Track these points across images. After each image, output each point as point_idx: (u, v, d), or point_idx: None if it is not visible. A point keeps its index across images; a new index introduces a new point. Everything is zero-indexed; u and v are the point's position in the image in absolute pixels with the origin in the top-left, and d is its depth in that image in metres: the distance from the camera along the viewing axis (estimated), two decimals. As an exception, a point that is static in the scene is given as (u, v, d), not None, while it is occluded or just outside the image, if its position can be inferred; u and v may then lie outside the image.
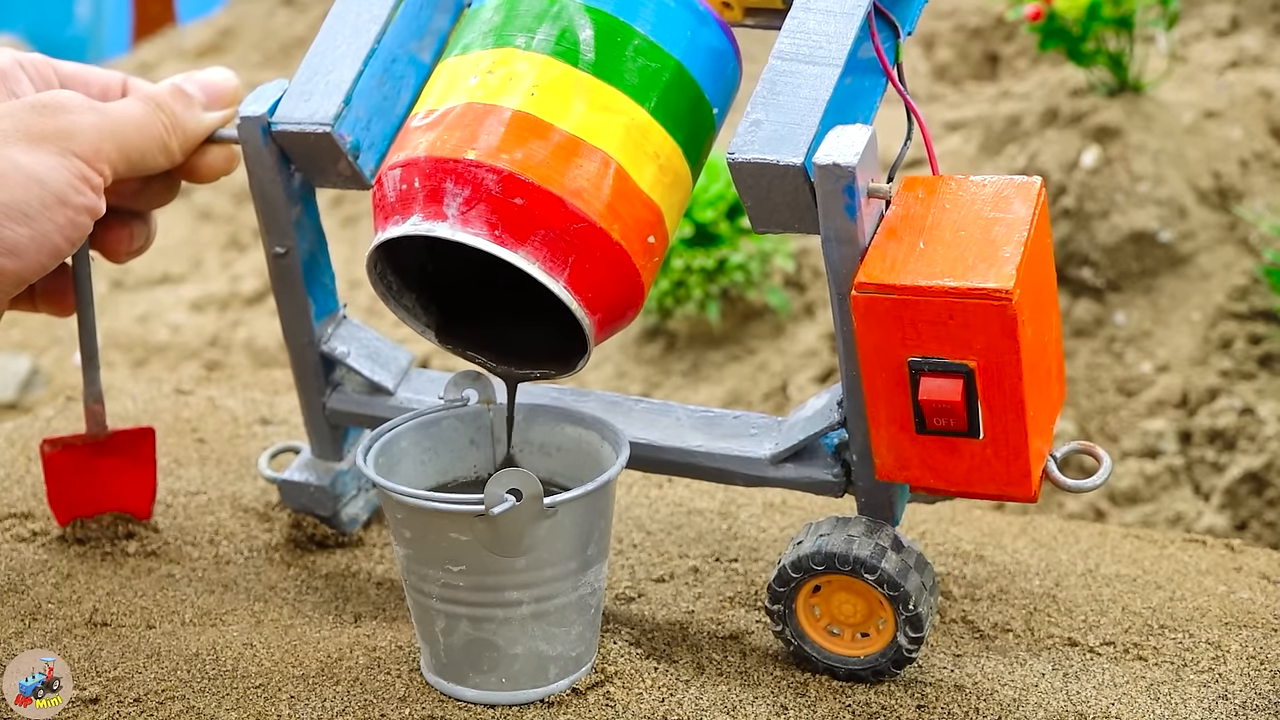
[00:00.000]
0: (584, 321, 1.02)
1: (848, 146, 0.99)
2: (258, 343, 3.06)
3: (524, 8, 1.06)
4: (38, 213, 1.02)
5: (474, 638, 1.03)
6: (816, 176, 0.99)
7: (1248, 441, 2.08)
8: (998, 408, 0.99)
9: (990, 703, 1.07)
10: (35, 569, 1.22)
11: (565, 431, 1.12)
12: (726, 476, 1.12)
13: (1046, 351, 1.04)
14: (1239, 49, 2.81)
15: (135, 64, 4.15)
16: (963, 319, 0.97)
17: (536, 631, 1.03)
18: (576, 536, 1.02)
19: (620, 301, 1.04)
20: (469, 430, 1.13)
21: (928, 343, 0.98)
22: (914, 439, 1.02)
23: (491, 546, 1.00)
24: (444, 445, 1.12)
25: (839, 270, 1.01)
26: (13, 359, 2.98)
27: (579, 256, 1.01)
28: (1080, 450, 1.07)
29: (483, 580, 1.01)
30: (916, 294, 0.97)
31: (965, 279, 0.97)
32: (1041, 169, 2.39)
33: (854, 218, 0.99)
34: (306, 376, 1.21)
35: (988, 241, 0.99)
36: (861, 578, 1.05)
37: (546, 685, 1.05)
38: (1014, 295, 0.96)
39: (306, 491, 1.24)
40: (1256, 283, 2.27)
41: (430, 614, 1.04)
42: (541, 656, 1.04)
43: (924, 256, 0.99)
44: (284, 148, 1.13)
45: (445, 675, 1.05)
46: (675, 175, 1.06)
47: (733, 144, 1.01)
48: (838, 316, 1.02)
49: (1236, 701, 1.08)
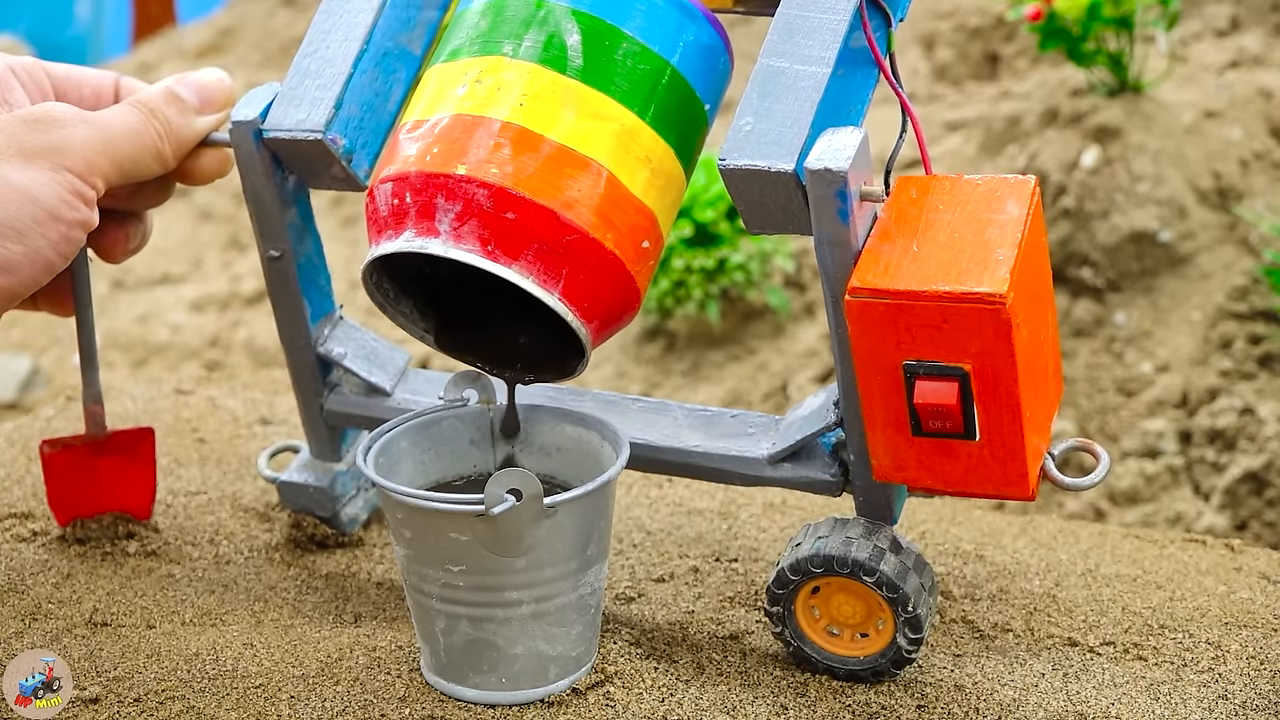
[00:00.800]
0: (580, 331, 1.02)
1: (839, 151, 0.98)
2: (258, 343, 3.06)
3: (511, 12, 1.06)
4: (30, 229, 1.03)
5: (474, 638, 1.03)
6: (808, 181, 0.98)
7: (1248, 441, 2.08)
8: (993, 410, 0.99)
9: (990, 703, 1.07)
10: (35, 569, 1.22)
11: (565, 431, 1.12)
12: (724, 476, 1.12)
13: (1043, 350, 1.04)
14: (1239, 49, 2.81)
15: (135, 64, 4.15)
16: (957, 323, 0.97)
17: (536, 631, 1.03)
18: (576, 536, 1.02)
19: (616, 307, 1.04)
20: (469, 430, 1.13)
21: (922, 346, 0.98)
22: (910, 441, 1.02)
23: (492, 546, 1.00)
24: (444, 445, 1.12)
25: (832, 274, 1.01)
26: (13, 359, 2.98)
27: (573, 268, 1.01)
28: (1078, 448, 1.07)
29: (483, 580, 1.01)
30: (910, 299, 0.97)
31: (959, 283, 0.97)
32: (1041, 169, 2.39)
33: (846, 222, 0.99)
34: (303, 378, 1.21)
35: (981, 243, 0.99)
36: (860, 580, 1.05)
37: (546, 685, 1.05)
38: (1008, 299, 0.96)
39: (305, 492, 1.24)
40: (1256, 283, 2.27)
41: (430, 614, 1.04)
42: (541, 656, 1.04)
43: (917, 260, 0.99)
44: (276, 153, 1.13)
45: (445, 675, 1.05)
46: (668, 177, 1.06)
47: (723, 150, 1.01)
48: (832, 319, 1.02)
49: (1236, 701, 1.08)
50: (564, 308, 1.00)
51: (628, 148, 1.03)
